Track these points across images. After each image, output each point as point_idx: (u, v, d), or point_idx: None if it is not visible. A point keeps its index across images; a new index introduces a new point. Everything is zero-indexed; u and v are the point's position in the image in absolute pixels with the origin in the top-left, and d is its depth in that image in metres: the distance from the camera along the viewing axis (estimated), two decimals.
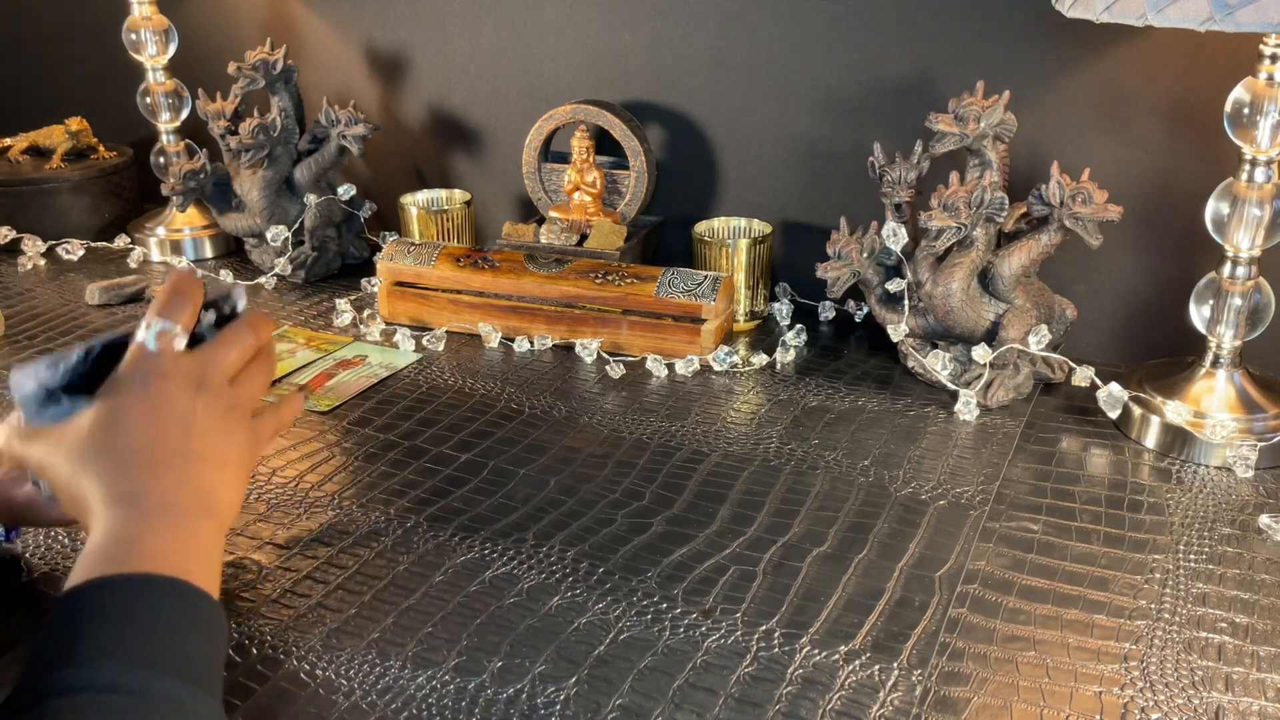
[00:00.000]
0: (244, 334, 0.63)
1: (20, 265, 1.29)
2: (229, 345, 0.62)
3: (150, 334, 0.59)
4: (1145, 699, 0.60)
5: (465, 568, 0.72)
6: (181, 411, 0.58)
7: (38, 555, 0.73)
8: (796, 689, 0.61)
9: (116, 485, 0.55)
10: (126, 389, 0.58)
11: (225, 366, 0.61)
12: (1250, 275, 0.84)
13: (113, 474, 0.56)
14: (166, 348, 0.59)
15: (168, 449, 0.57)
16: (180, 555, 0.53)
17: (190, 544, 0.55)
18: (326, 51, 1.34)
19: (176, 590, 0.52)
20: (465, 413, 0.93)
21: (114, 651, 0.47)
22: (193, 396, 0.59)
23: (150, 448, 0.57)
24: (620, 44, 1.17)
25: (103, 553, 0.52)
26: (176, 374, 0.59)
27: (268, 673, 0.62)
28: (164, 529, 0.54)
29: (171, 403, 0.58)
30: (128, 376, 0.58)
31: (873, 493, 0.80)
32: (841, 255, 0.96)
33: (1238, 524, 0.76)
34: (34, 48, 1.57)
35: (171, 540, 0.54)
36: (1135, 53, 0.94)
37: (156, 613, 0.50)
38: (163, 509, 0.55)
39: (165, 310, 0.60)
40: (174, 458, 0.57)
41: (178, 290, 0.61)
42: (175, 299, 0.60)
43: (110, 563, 0.52)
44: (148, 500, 0.55)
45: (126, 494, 0.55)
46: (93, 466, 0.56)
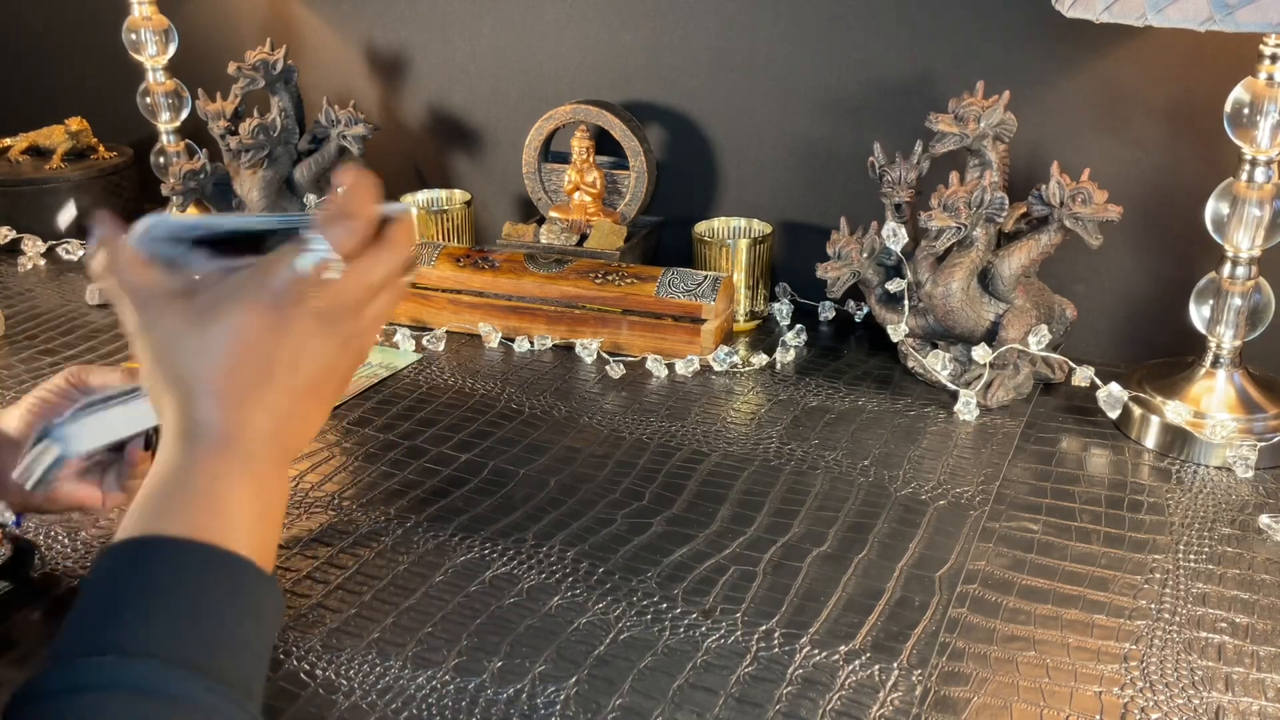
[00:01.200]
0: (387, 259, 0.55)
1: (20, 265, 1.29)
2: (371, 270, 0.54)
3: (309, 257, 0.52)
4: (1145, 699, 0.60)
5: (465, 568, 0.72)
6: (305, 347, 0.52)
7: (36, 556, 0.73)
8: (796, 689, 0.61)
9: (205, 413, 0.51)
10: (257, 297, 0.52)
11: (362, 294, 0.54)
12: (1250, 275, 0.84)
13: (206, 398, 0.51)
14: (318, 276, 0.53)
15: (273, 386, 0.52)
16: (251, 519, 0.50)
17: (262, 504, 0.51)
18: (326, 51, 1.34)
19: (232, 569, 0.48)
20: (465, 413, 0.93)
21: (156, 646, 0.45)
22: (322, 331, 0.53)
23: (256, 381, 0.51)
24: (620, 44, 1.17)
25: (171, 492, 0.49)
26: (316, 306, 0.53)
27: (268, 673, 0.62)
28: (241, 485, 0.50)
29: (299, 336, 0.52)
30: (264, 283, 0.52)
31: (873, 493, 0.80)
32: (841, 255, 0.96)
33: (1238, 524, 0.76)
34: (34, 48, 1.57)
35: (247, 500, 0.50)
36: (1135, 53, 0.94)
37: (206, 599, 0.47)
38: (246, 459, 0.51)
39: (334, 233, 0.53)
40: (276, 397, 0.52)
41: (349, 213, 0.54)
42: (348, 225, 0.53)
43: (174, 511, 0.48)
44: (232, 442, 0.51)
45: (212, 427, 0.51)
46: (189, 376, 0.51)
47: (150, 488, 0.50)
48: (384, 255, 0.55)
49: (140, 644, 0.45)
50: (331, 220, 0.53)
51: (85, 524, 0.77)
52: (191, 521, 0.49)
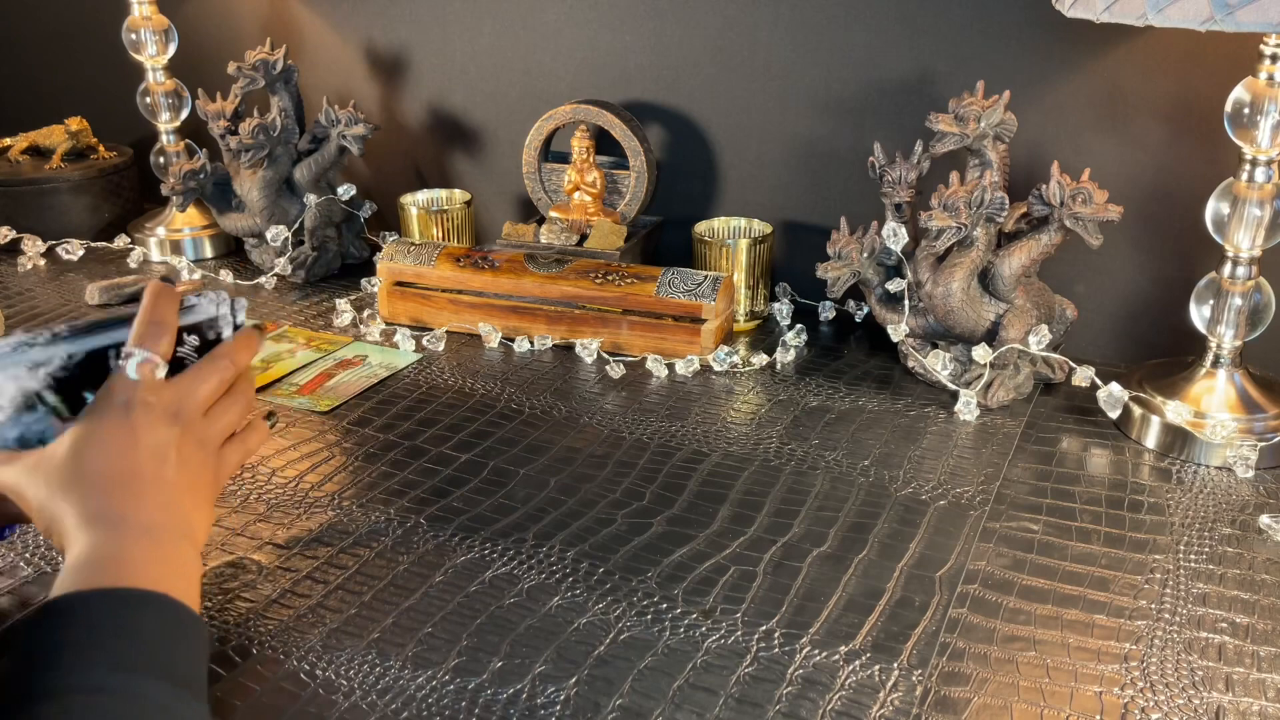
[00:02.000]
0: (222, 367, 0.64)
1: (20, 265, 1.29)
2: (206, 378, 0.64)
3: (132, 364, 0.61)
4: (1145, 699, 0.60)
5: (465, 568, 0.72)
6: (160, 441, 0.60)
7: (37, 555, 0.73)
8: (796, 689, 0.61)
9: (96, 507, 0.56)
10: (107, 415, 0.59)
11: (201, 399, 0.63)
12: (1250, 275, 0.84)
13: (93, 496, 0.57)
14: (148, 377, 0.61)
15: (146, 476, 0.59)
16: (162, 573, 0.55)
17: (171, 563, 0.56)
18: (326, 51, 1.34)
19: (160, 603, 0.53)
20: (465, 413, 0.93)
21: (101, 658, 0.48)
22: (170, 427, 0.61)
23: (130, 473, 0.58)
24: (620, 44, 1.17)
25: (83, 569, 0.53)
26: (156, 404, 0.60)
27: (268, 673, 0.62)
28: (145, 548, 0.56)
29: (151, 432, 0.60)
30: (109, 403, 0.60)
31: (873, 493, 0.80)
32: (841, 255, 0.96)
33: (1238, 524, 0.76)
34: (34, 48, 1.57)
35: (153, 559, 0.55)
36: (1135, 53, 0.94)
37: (141, 623, 0.51)
38: (143, 530, 0.56)
39: (146, 340, 0.61)
40: (152, 484, 0.59)
41: (156, 318, 0.62)
42: (154, 328, 0.62)
43: (92, 578, 0.53)
44: (128, 522, 0.56)
45: (107, 515, 0.56)
46: (73, 489, 0.57)
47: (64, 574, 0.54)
48: (212, 364, 0.64)
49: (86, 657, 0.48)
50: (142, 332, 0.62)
51: None
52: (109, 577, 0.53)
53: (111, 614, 0.51)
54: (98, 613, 0.50)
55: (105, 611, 0.51)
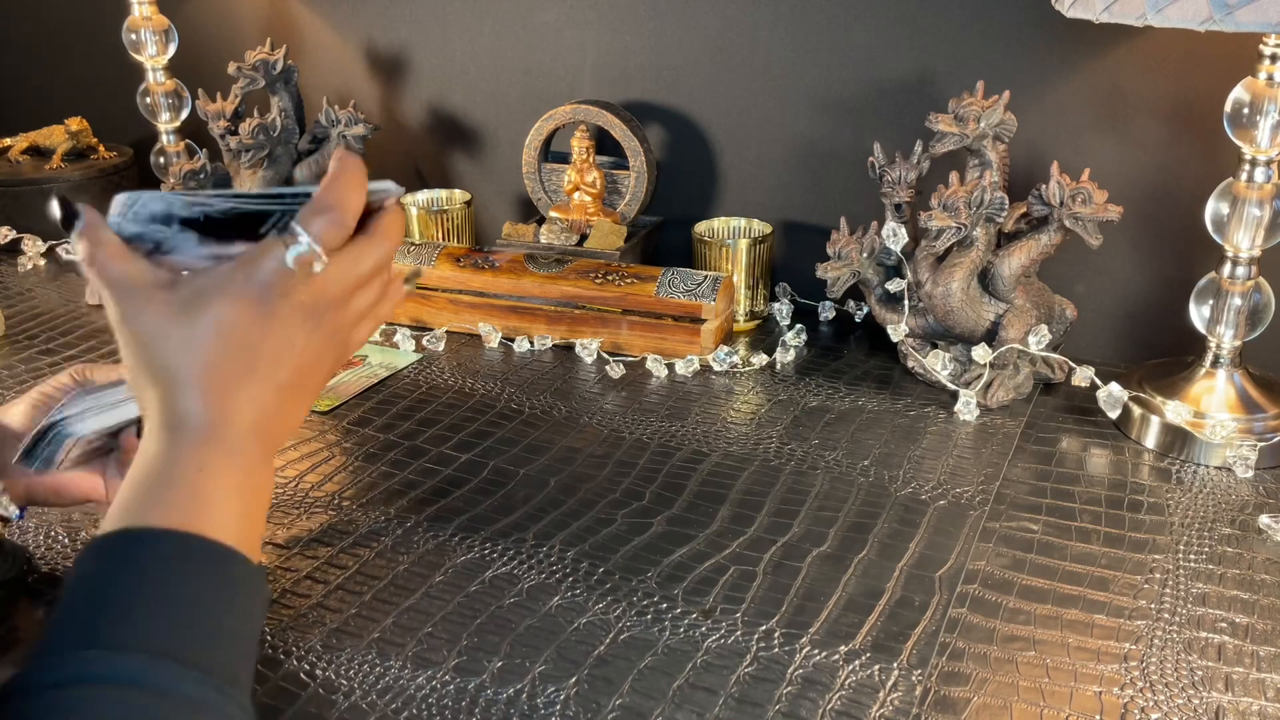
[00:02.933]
0: (376, 251, 0.55)
1: (20, 265, 1.29)
2: (362, 260, 0.54)
3: (293, 252, 0.52)
4: (1145, 699, 0.60)
5: (465, 568, 0.72)
6: (289, 341, 0.52)
7: (37, 555, 0.73)
8: (796, 689, 0.61)
9: (190, 405, 0.50)
10: (244, 295, 0.51)
11: (353, 284, 0.54)
12: (1250, 275, 0.84)
13: (190, 389, 0.51)
14: (304, 270, 0.52)
15: (258, 378, 0.52)
16: (237, 512, 0.50)
17: (248, 497, 0.51)
18: (326, 51, 1.34)
19: (220, 560, 0.48)
20: (465, 413, 0.93)
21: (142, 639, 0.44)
22: (305, 322, 0.53)
23: (241, 374, 0.51)
24: (620, 44, 1.17)
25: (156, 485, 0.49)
26: (301, 300, 0.52)
27: (268, 673, 0.62)
28: (227, 478, 0.50)
29: (283, 329, 0.52)
30: (250, 277, 0.51)
31: (873, 493, 0.80)
32: (841, 255, 0.96)
33: (1238, 524, 0.76)
34: (34, 48, 1.57)
35: (233, 492, 0.50)
36: (1135, 53, 0.94)
37: (194, 590, 0.47)
38: (231, 451, 0.51)
39: (319, 225, 0.52)
40: (261, 390, 0.52)
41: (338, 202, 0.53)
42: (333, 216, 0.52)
43: (160, 503, 0.48)
44: (217, 435, 0.51)
45: (197, 419, 0.50)
46: (172, 367, 0.51)
47: (134, 480, 0.50)
48: (368, 248, 0.55)
49: (127, 638, 0.44)
50: (317, 213, 0.52)
51: (85, 523, 0.77)
52: (177, 513, 0.48)
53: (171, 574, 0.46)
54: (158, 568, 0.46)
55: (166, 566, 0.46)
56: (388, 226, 0.55)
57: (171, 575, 0.47)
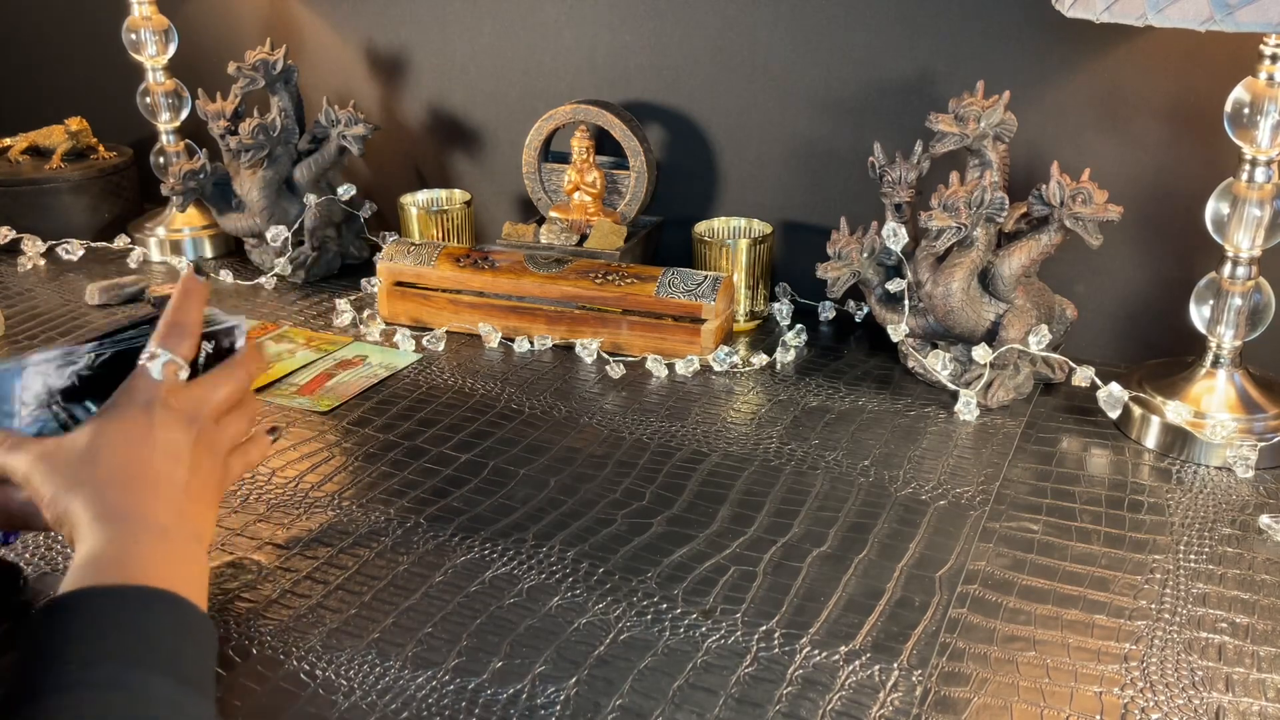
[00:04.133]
0: (238, 375, 0.66)
1: (20, 265, 1.29)
2: (222, 384, 0.65)
3: (157, 364, 0.62)
4: (1145, 699, 0.60)
5: (465, 568, 0.72)
6: (176, 442, 0.61)
7: (37, 556, 0.73)
8: (796, 689, 0.61)
9: (110, 504, 0.57)
10: (128, 413, 0.60)
11: (217, 405, 0.64)
12: (1250, 275, 0.84)
13: (107, 492, 0.57)
14: (170, 378, 0.62)
15: (161, 476, 0.59)
16: (171, 573, 0.55)
17: (180, 563, 0.57)
18: (326, 51, 1.34)
19: (168, 601, 0.53)
20: (465, 413, 0.93)
21: (110, 654, 0.48)
22: (187, 429, 0.61)
23: (145, 472, 0.59)
24: (620, 44, 1.17)
25: (93, 565, 0.54)
26: (176, 405, 0.61)
27: (268, 673, 0.62)
28: (156, 547, 0.56)
29: (168, 432, 0.60)
30: (129, 400, 0.61)
31: (873, 493, 0.80)
32: (841, 255, 0.96)
33: (1238, 524, 0.76)
34: (34, 48, 1.57)
35: (163, 559, 0.56)
36: (1135, 53, 0.94)
37: (150, 621, 0.52)
38: (154, 529, 0.57)
39: (171, 341, 0.63)
40: (167, 485, 0.59)
41: (181, 320, 0.63)
42: (180, 329, 0.63)
43: (101, 574, 0.53)
44: (140, 520, 0.57)
45: (119, 513, 0.57)
46: (87, 484, 0.58)
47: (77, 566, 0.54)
48: (226, 373, 0.65)
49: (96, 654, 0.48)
50: (166, 330, 0.63)
51: None
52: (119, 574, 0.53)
53: (121, 611, 0.51)
54: (107, 609, 0.51)
55: (114, 608, 0.51)
56: (242, 358, 0.67)
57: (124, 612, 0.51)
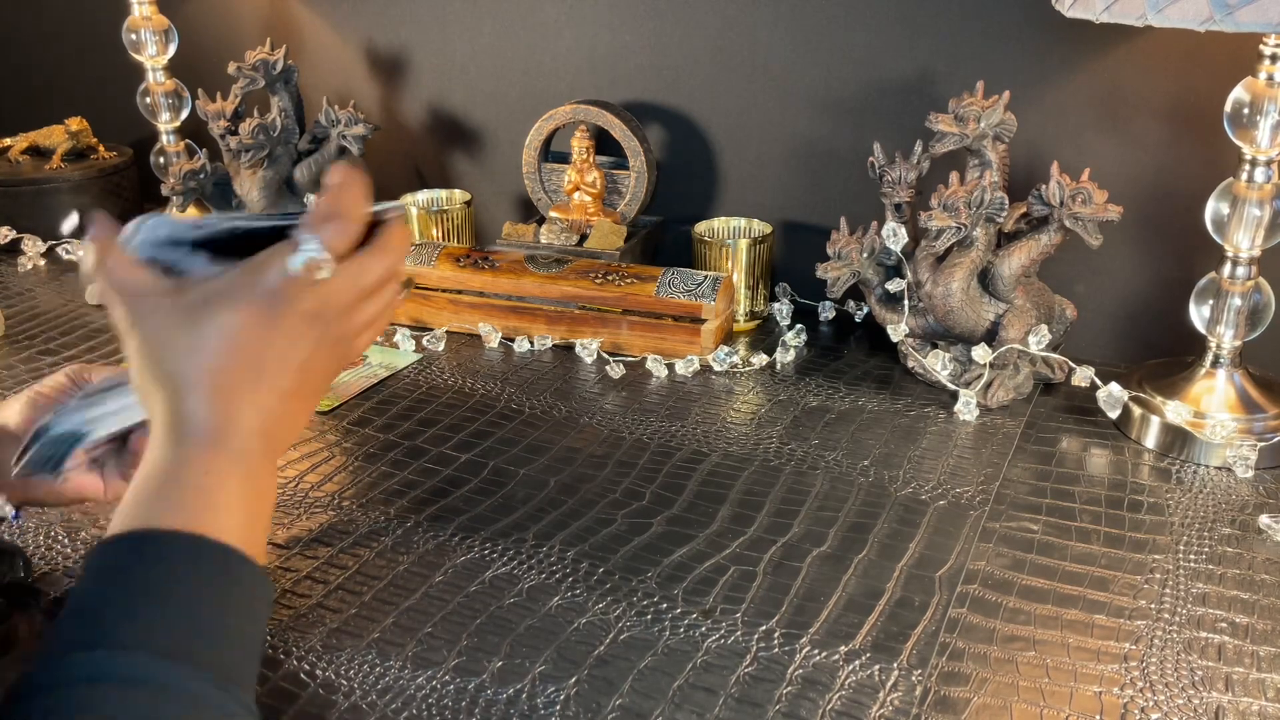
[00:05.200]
0: (384, 260, 0.56)
1: (20, 265, 1.29)
2: (369, 271, 0.55)
3: (300, 258, 0.52)
4: (1145, 699, 0.60)
5: (465, 568, 0.72)
6: (294, 346, 0.53)
7: (37, 555, 0.73)
8: (796, 689, 0.61)
9: (196, 408, 0.51)
10: (250, 300, 0.52)
11: (357, 294, 0.55)
12: (1250, 275, 0.84)
13: (197, 392, 0.51)
14: (310, 276, 0.53)
15: (264, 383, 0.53)
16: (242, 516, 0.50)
17: (252, 501, 0.52)
18: (326, 51, 1.34)
19: (225, 561, 0.49)
20: (465, 413, 0.93)
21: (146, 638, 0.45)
22: (310, 329, 0.54)
23: (248, 378, 0.52)
24: (620, 44, 1.17)
25: (163, 487, 0.49)
26: (306, 307, 0.53)
27: (268, 673, 0.62)
28: (232, 481, 0.51)
29: (289, 335, 0.53)
30: (256, 283, 0.52)
31: (873, 493, 0.80)
32: (841, 255, 0.96)
33: (1238, 524, 0.76)
34: (34, 48, 1.57)
35: (237, 496, 0.51)
36: (1135, 53, 0.94)
37: (199, 590, 0.47)
38: (237, 455, 0.51)
39: (326, 232, 0.53)
40: (266, 395, 0.53)
41: (342, 210, 0.54)
42: (339, 224, 0.54)
43: (166, 506, 0.49)
44: (222, 440, 0.51)
45: (204, 423, 0.51)
46: (180, 370, 0.51)
47: (141, 484, 0.50)
48: (376, 258, 0.55)
49: (131, 637, 0.45)
50: (322, 220, 0.53)
51: (85, 523, 0.77)
52: (183, 515, 0.49)
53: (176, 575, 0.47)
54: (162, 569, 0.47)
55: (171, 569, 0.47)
56: (393, 239, 0.56)
57: (177, 575, 0.47)
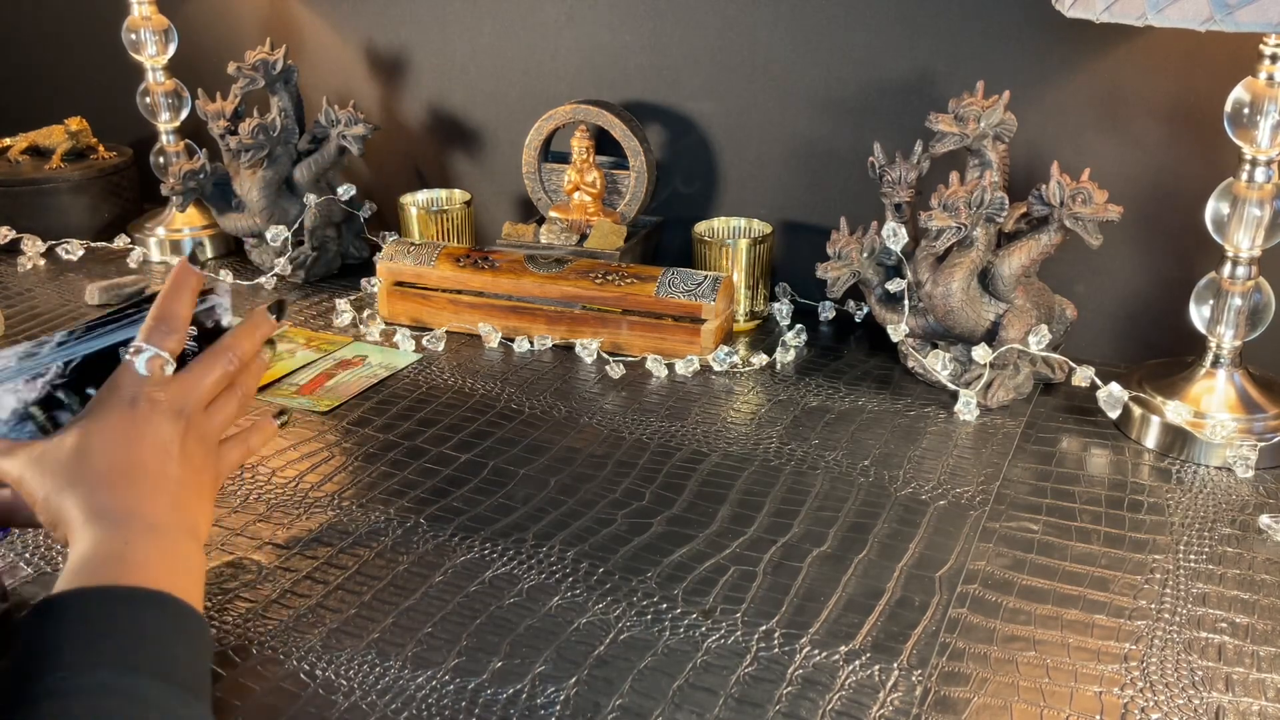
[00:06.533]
0: (226, 360, 0.64)
1: (20, 265, 1.29)
2: (208, 371, 0.63)
3: (141, 360, 0.61)
4: (1145, 699, 0.60)
5: (465, 568, 0.72)
6: (165, 437, 0.60)
7: (37, 555, 0.73)
8: (796, 689, 0.61)
9: (102, 503, 0.57)
10: (114, 410, 0.59)
11: (204, 393, 0.63)
12: (1250, 275, 0.84)
13: (99, 492, 0.57)
14: (156, 373, 0.61)
15: (151, 472, 0.59)
16: (166, 571, 0.55)
17: (175, 561, 0.56)
18: (326, 51, 1.34)
19: (162, 603, 0.53)
20: (465, 413, 0.93)
21: (103, 658, 0.48)
22: (175, 423, 0.61)
23: (136, 470, 0.58)
24: (620, 44, 1.17)
25: (87, 566, 0.53)
26: (163, 399, 0.61)
27: (268, 673, 0.62)
28: (150, 546, 0.56)
29: (157, 428, 0.60)
30: (115, 397, 0.60)
31: (873, 493, 0.80)
32: (841, 255, 0.96)
33: (1238, 524, 0.76)
34: (34, 48, 1.57)
35: (157, 557, 0.55)
36: (1135, 53, 0.94)
37: (144, 623, 0.51)
38: (147, 527, 0.56)
39: (156, 335, 0.61)
40: (158, 481, 0.59)
41: (170, 313, 0.62)
42: (166, 323, 0.62)
43: (95, 575, 0.53)
44: (133, 518, 0.56)
45: (111, 512, 0.56)
46: (79, 485, 0.57)
47: (68, 570, 0.54)
48: (216, 356, 0.64)
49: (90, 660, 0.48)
50: (153, 324, 0.61)
51: None
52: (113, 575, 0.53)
53: (114, 612, 0.51)
54: (100, 610, 0.51)
55: (108, 609, 0.51)
56: (230, 341, 0.65)
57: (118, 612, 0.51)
